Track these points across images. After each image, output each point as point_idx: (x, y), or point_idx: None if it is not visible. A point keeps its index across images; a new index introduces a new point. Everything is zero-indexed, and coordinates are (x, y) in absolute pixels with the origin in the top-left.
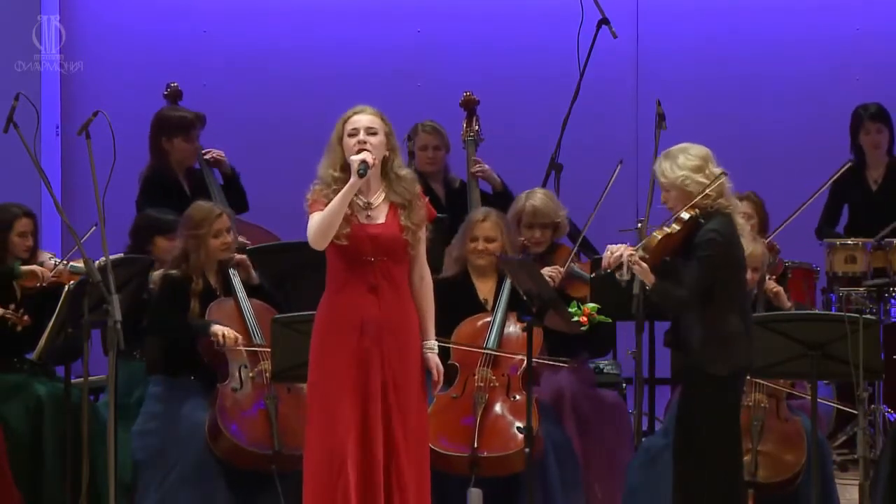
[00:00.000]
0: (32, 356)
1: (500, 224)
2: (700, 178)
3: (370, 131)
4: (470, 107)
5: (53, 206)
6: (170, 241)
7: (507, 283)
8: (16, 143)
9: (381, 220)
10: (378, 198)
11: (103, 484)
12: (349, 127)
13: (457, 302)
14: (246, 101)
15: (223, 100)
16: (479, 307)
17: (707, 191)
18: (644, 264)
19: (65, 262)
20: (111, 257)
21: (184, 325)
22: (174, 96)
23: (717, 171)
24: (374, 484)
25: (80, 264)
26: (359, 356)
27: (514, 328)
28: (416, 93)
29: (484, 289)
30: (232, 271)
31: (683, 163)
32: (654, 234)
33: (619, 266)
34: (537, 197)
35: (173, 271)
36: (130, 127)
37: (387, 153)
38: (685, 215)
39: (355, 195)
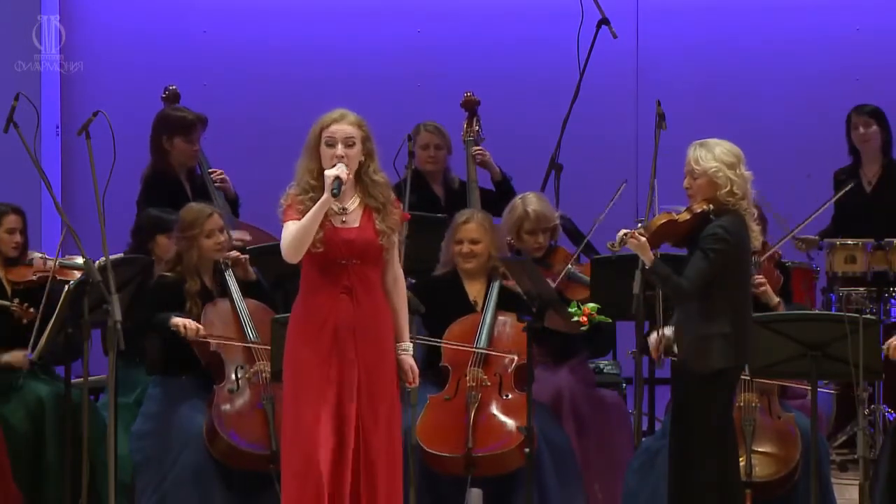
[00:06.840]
0: (32, 356)
1: (484, 225)
2: (731, 174)
3: (348, 143)
4: (471, 107)
5: (53, 206)
6: (171, 240)
7: (496, 283)
8: (16, 143)
9: (356, 223)
10: (353, 203)
11: (103, 484)
12: (326, 135)
13: (446, 303)
14: (246, 101)
15: (223, 100)
16: (468, 308)
17: (734, 188)
18: (641, 238)
19: (57, 260)
20: (111, 257)
21: (147, 320)
22: (172, 98)
23: (748, 173)
24: (345, 485)
25: (73, 261)
26: (334, 358)
27: (503, 327)
28: (416, 93)
29: (473, 290)
30: (228, 273)
31: (720, 155)
32: (659, 215)
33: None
34: (535, 202)
35: (168, 273)
36: (130, 127)
37: (363, 158)
38: (698, 207)
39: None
